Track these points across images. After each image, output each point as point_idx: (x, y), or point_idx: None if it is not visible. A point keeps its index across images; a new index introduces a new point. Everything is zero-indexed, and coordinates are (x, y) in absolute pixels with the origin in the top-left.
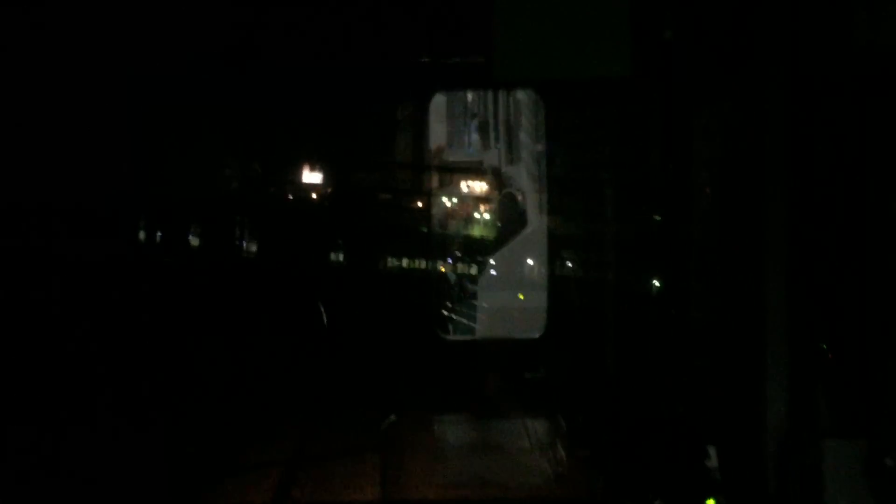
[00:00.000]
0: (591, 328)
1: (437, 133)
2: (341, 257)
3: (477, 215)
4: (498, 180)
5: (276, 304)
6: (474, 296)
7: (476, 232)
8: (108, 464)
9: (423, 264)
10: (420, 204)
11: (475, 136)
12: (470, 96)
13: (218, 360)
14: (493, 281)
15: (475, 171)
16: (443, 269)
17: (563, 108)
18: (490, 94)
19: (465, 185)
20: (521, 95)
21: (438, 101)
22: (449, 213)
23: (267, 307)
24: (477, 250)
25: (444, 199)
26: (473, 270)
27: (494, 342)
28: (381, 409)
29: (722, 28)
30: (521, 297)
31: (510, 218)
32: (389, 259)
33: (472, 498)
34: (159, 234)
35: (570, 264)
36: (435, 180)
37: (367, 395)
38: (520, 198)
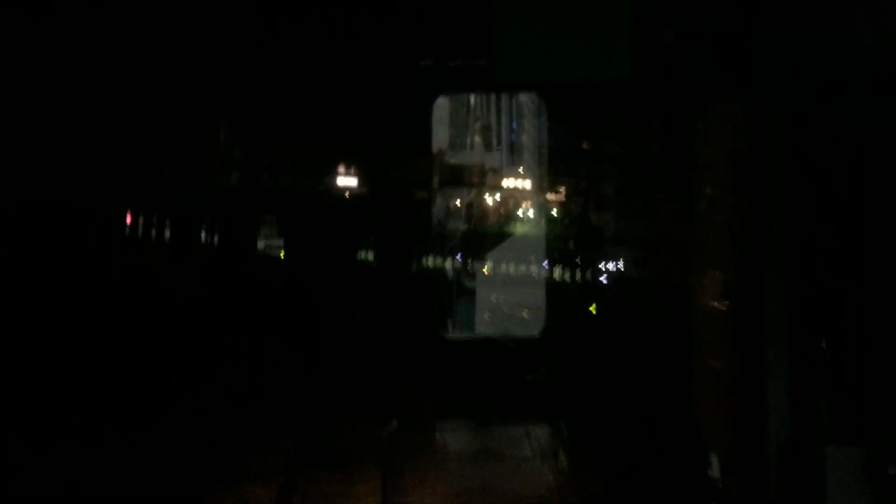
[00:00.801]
0: (591, 329)
1: (440, 136)
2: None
3: (475, 217)
4: (498, 182)
5: (281, 305)
6: (473, 294)
7: (475, 233)
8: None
9: (429, 266)
10: (422, 207)
11: (478, 139)
12: (473, 99)
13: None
14: (492, 281)
15: (476, 172)
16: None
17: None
18: (493, 98)
19: (464, 187)
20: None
21: (442, 104)
22: (450, 215)
23: (271, 308)
24: (476, 251)
25: (445, 202)
26: (473, 270)
27: (492, 340)
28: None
29: (723, 30)
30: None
31: (509, 219)
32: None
33: (474, 500)
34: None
35: (569, 266)
36: (436, 182)
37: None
38: (520, 200)
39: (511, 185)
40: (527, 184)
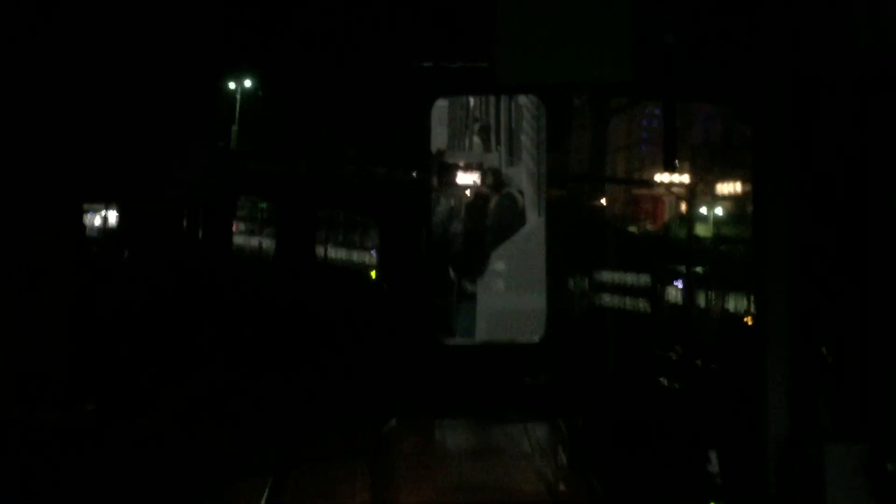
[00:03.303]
0: (592, 331)
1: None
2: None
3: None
4: (496, 179)
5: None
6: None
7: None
8: None
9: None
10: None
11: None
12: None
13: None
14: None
15: (471, 169)
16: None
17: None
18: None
19: (462, 183)
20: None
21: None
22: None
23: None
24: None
25: (447, 200)
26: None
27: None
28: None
29: (723, 31)
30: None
31: (507, 219)
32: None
33: (475, 501)
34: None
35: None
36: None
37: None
38: (519, 198)
39: (509, 185)
40: (524, 185)
